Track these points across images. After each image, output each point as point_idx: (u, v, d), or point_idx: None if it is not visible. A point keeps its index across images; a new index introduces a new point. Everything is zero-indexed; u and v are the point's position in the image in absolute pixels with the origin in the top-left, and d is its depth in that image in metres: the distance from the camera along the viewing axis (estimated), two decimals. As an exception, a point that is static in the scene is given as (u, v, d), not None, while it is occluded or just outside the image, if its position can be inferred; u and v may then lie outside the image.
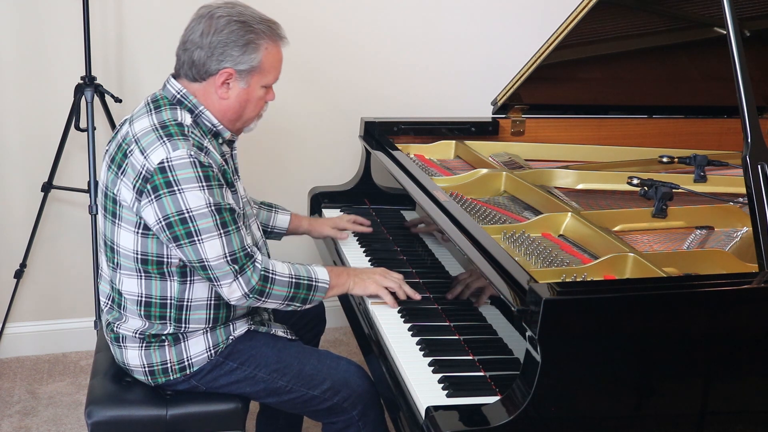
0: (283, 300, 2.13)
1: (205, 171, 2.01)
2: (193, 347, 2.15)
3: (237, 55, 2.08)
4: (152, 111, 2.10)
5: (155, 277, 2.10)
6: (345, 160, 3.52)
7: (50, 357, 3.47)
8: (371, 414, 2.17)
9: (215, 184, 2.02)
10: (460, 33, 3.60)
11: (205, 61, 2.08)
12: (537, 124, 3.12)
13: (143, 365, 2.16)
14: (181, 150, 2.00)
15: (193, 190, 1.99)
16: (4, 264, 3.36)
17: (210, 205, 2.01)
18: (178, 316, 2.13)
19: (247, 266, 2.06)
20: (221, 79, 2.10)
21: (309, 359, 2.20)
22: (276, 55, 2.14)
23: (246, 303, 2.10)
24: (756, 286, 1.81)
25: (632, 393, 1.77)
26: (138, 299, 2.12)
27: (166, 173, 1.99)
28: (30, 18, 3.15)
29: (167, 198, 1.99)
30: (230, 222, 2.04)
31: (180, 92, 2.12)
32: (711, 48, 2.93)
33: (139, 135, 2.05)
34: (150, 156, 2.00)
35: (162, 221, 2.01)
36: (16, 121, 3.24)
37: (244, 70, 2.10)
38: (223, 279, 2.04)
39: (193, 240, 2.01)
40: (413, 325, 2.13)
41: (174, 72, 2.17)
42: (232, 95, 2.12)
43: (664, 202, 2.35)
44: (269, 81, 2.16)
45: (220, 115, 2.14)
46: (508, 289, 1.84)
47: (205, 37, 2.07)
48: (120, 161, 2.07)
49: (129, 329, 2.15)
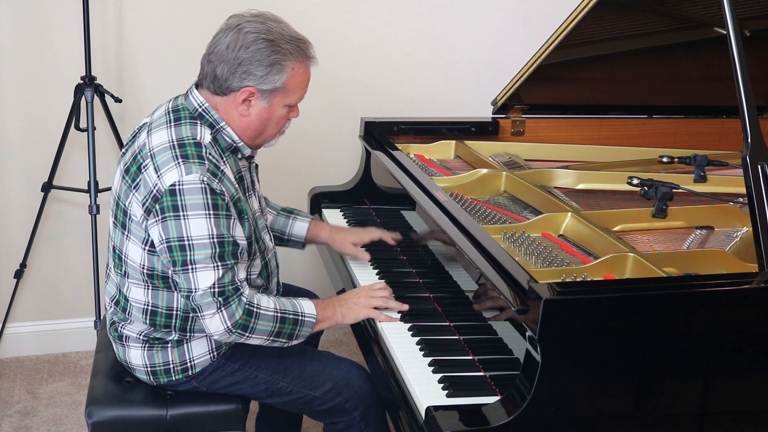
0: (268, 335, 2.05)
1: (214, 199, 1.96)
2: (196, 349, 2.14)
3: (261, 74, 2.02)
4: (172, 123, 2.06)
5: (162, 289, 2.09)
6: (345, 160, 3.52)
7: (50, 357, 3.47)
8: (373, 415, 2.17)
9: (222, 214, 1.98)
10: (461, 33, 3.60)
11: (228, 77, 2.03)
12: (537, 124, 3.11)
13: (145, 365, 2.15)
14: (194, 174, 1.96)
15: (198, 218, 1.95)
16: (4, 264, 3.36)
17: (212, 237, 1.96)
18: (183, 325, 2.11)
19: (232, 299, 1.99)
20: (242, 97, 2.04)
21: (310, 360, 2.19)
22: (302, 75, 2.08)
23: (229, 339, 2.03)
24: (756, 286, 1.81)
25: (632, 393, 1.77)
26: (144, 307, 2.11)
27: (175, 196, 1.95)
28: (30, 18, 3.15)
29: (172, 222, 1.96)
30: (229, 256, 1.98)
31: (202, 106, 2.08)
32: (711, 48, 2.93)
33: (156, 150, 2.01)
34: (163, 176, 1.97)
35: (164, 243, 1.98)
36: (16, 121, 3.24)
37: (267, 90, 2.04)
38: (206, 310, 1.98)
39: (187, 269, 1.96)
40: (413, 325, 2.13)
41: (197, 81, 2.12)
42: (253, 113, 2.07)
43: (664, 202, 2.35)
44: (293, 101, 2.10)
45: (240, 131, 2.09)
46: (508, 289, 1.84)
47: (231, 52, 2.02)
48: (134, 174, 2.04)
49: (133, 330, 2.15)
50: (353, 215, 2.90)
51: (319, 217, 2.93)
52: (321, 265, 2.96)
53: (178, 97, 2.14)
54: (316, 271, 3.49)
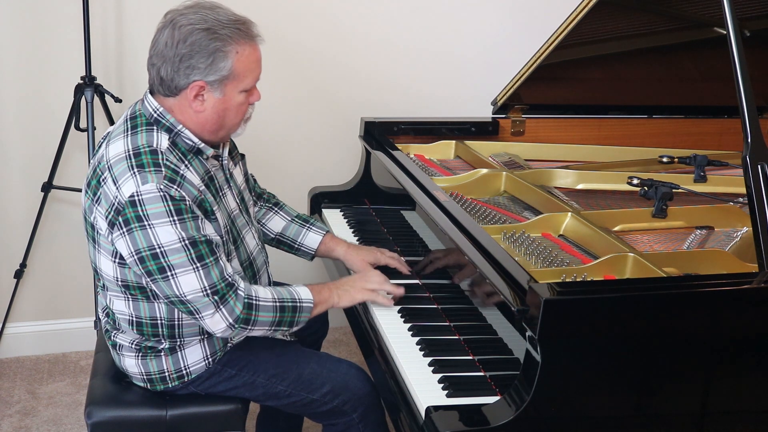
0: (269, 326, 2.04)
1: (176, 204, 1.92)
2: (190, 356, 2.13)
3: (204, 66, 1.95)
4: (128, 132, 2.01)
5: (142, 299, 2.06)
6: (345, 160, 3.52)
7: (50, 357, 3.47)
8: (372, 416, 2.17)
9: (188, 217, 1.93)
10: (461, 33, 3.60)
11: (173, 76, 1.97)
12: (537, 124, 3.11)
13: (141, 373, 2.15)
14: (150, 184, 1.90)
15: (163, 225, 1.91)
16: (4, 264, 3.36)
17: (182, 240, 1.92)
18: (170, 333, 2.09)
19: (229, 296, 1.97)
20: (193, 93, 1.98)
21: (308, 363, 2.18)
22: (249, 56, 2.00)
23: (232, 334, 2.02)
24: (756, 286, 1.81)
25: (632, 393, 1.77)
26: (129, 319, 2.09)
27: (136, 207, 1.91)
28: (30, 18, 3.15)
29: (138, 232, 1.91)
30: (207, 254, 1.94)
31: (157, 111, 2.02)
32: (711, 48, 2.93)
33: (113, 161, 1.97)
34: (121, 188, 1.92)
35: (134, 255, 1.93)
36: (16, 121, 3.24)
37: (216, 80, 1.97)
38: (204, 311, 1.96)
39: (167, 275, 1.93)
40: (413, 325, 2.13)
41: (149, 87, 2.06)
42: (208, 107, 2.00)
43: (664, 202, 2.35)
44: (247, 85, 2.02)
45: (200, 128, 2.03)
46: (508, 289, 1.84)
47: (170, 49, 1.95)
48: (95, 188, 2.00)
49: (125, 340, 2.14)
50: (353, 215, 2.90)
51: (320, 217, 2.93)
52: (319, 265, 2.96)
53: (137, 102, 2.10)
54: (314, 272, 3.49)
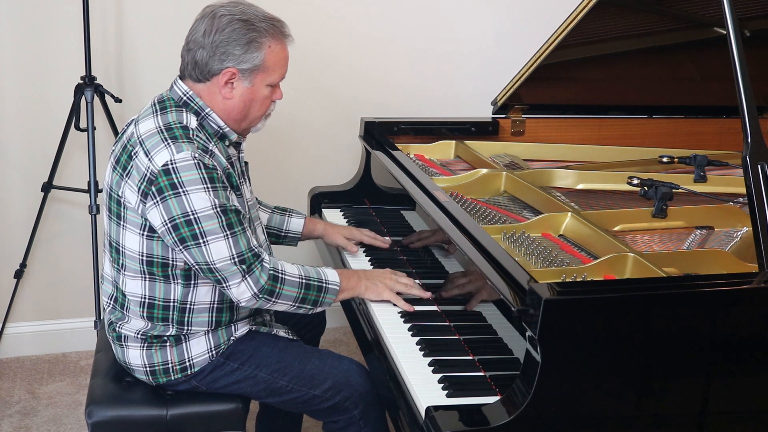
0: (293, 301, 2.11)
1: (209, 173, 2.00)
2: (195, 348, 2.15)
3: (239, 54, 2.06)
4: (158, 112, 2.10)
5: (159, 280, 2.10)
6: (345, 160, 3.52)
7: (50, 357, 3.47)
8: (372, 413, 2.17)
9: (220, 186, 2.02)
10: (460, 33, 3.60)
11: (208, 60, 2.08)
12: (537, 124, 3.12)
13: (144, 365, 2.16)
14: (185, 152, 1.99)
15: (197, 191, 1.99)
16: (4, 264, 3.36)
17: (215, 207, 2.00)
18: (180, 318, 2.13)
19: (255, 266, 2.04)
20: (224, 79, 2.09)
21: (310, 359, 2.20)
22: (280, 53, 2.12)
23: (256, 304, 2.08)
24: (756, 286, 1.81)
25: (632, 393, 1.77)
26: (141, 300, 2.12)
27: (170, 175, 1.98)
28: (30, 18, 3.15)
29: (172, 200, 1.99)
30: (236, 223, 2.03)
31: (186, 94, 2.12)
32: (711, 48, 2.93)
33: (144, 137, 2.05)
34: (154, 158, 2.00)
35: (168, 223, 2.00)
36: (16, 121, 3.24)
37: (247, 69, 2.08)
38: (231, 279, 2.03)
39: (199, 242, 2.00)
40: (413, 325, 2.13)
41: (180, 73, 2.16)
42: (236, 95, 2.11)
43: (664, 202, 2.35)
44: (274, 80, 2.14)
45: (225, 115, 2.13)
46: (508, 289, 1.84)
47: (207, 37, 2.07)
48: (125, 163, 2.07)
49: (131, 329, 2.15)
50: (353, 215, 2.90)
51: (319, 216, 2.93)
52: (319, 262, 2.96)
53: (163, 92, 2.18)
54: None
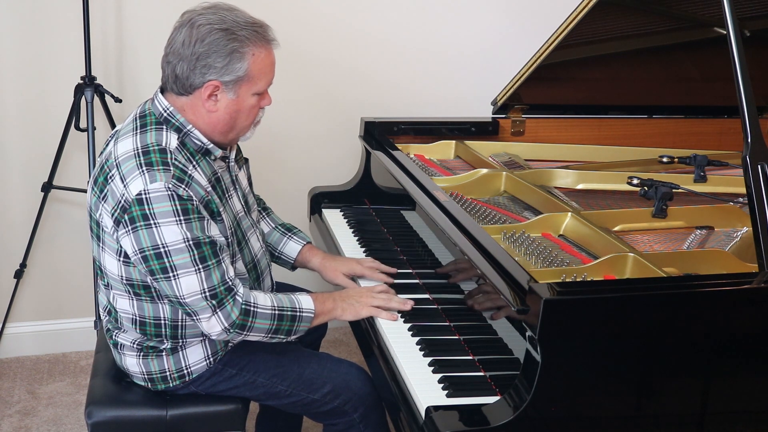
0: (266, 333, 2.05)
1: (183, 204, 1.92)
2: (192, 356, 2.13)
3: (221, 65, 1.96)
4: (137, 130, 2.01)
5: (146, 300, 2.06)
6: (345, 160, 3.52)
7: (50, 357, 3.47)
8: (373, 416, 2.17)
9: (194, 218, 1.94)
10: (461, 33, 3.60)
11: (189, 74, 1.98)
12: (537, 124, 3.11)
13: (142, 372, 2.15)
14: (159, 183, 1.91)
15: (169, 224, 1.91)
16: (4, 264, 3.36)
17: (187, 240, 1.92)
18: (173, 333, 2.10)
19: (226, 300, 1.98)
20: (207, 92, 1.99)
21: (309, 363, 2.18)
22: (265, 60, 2.02)
23: (227, 337, 2.03)
24: (756, 286, 1.81)
25: (632, 393, 1.77)
26: (132, 318, 2.09)
27: (143, 205, 1.91)
28: (30, 18, 3.15)
29: (143, 231, 1.92)
30: (210, 256, 1.95)
31: (167, 110, 2.02)
32: (711, 48, 2.93)
33: (121, 159, 1.97)
34: (129, 186, 1.93)
35: (138, 254, 1.94)
36: (16, 121, 3.24)
37: (231, 81, 1.99)
38: (201, 314, 1.97)
39: (168, 276, 1.94)
40: (413, 325, 2.13)
41: (161, 85, 2.07)
42: (221, 107, 2.01)
43: (664, 202, 2.35)
44: (260, 88, 2.04)
45: (210, 128, 2.04)
46: (508, 289, 1.84)
47: (187, 48, 1.96)
48: (102, 186, 2.00)
49: (127, 339, 2.14)
50: (353, 215, 2.90)
51: (319, 217, 2.93)
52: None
53: (147, 101, 2.10)
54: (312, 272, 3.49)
